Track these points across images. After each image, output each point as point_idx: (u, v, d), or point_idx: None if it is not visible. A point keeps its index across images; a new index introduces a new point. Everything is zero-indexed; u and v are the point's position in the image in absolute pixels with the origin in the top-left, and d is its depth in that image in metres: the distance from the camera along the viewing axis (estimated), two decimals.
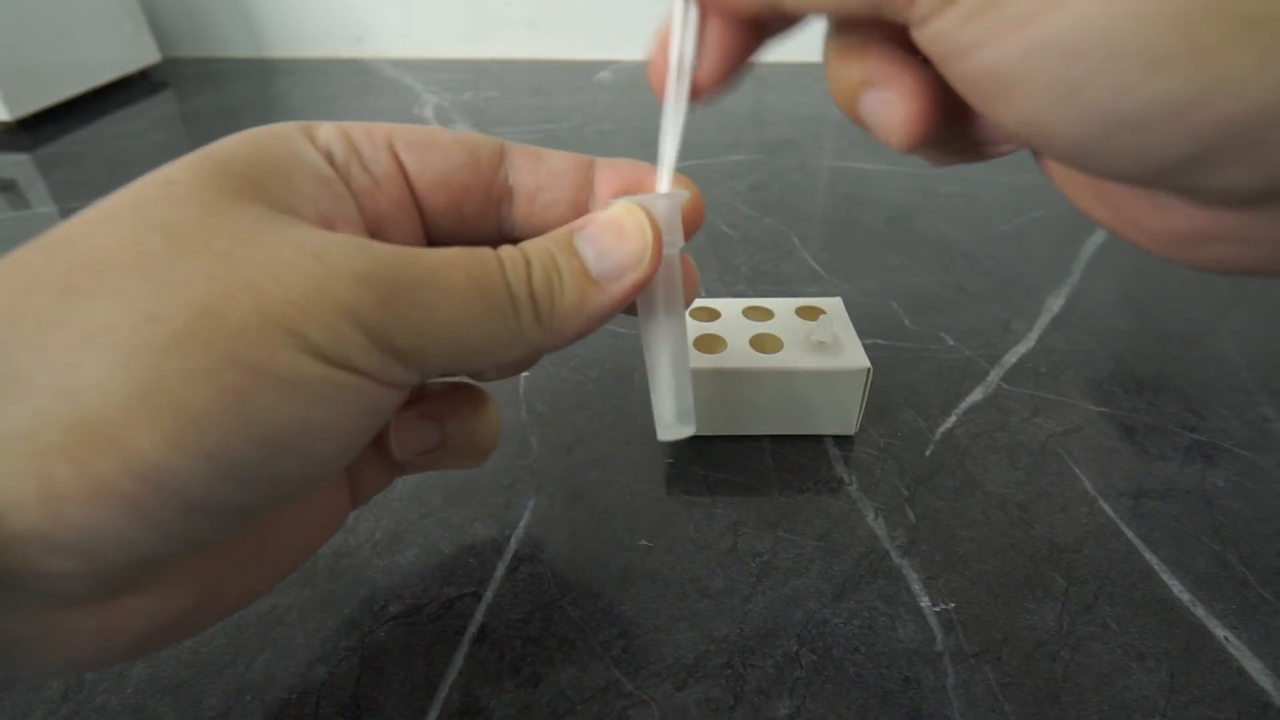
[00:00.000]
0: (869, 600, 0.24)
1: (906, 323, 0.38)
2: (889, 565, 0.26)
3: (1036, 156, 0.17)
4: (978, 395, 0.33)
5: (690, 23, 0.16)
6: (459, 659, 0.23)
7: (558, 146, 0.21)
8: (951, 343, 0.36)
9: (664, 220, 0.18)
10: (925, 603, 0.24)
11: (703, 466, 0.30)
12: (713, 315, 0.32)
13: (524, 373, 0.34)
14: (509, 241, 0.18)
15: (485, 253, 0.16)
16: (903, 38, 0.15)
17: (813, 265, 0.43)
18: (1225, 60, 0.10)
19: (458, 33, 0.88)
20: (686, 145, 0.66)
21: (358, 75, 0.83)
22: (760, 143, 0.62)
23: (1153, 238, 0.15)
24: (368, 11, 0.88)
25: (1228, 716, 0.21)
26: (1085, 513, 0.27)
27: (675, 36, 0.16)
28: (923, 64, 0.15)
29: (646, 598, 0.25)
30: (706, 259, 0.44)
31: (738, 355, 0.29)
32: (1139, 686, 0.22)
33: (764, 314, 0.32)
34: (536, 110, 0.70)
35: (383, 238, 0.19)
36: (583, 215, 0.20)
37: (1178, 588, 0.25)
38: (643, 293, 0.18)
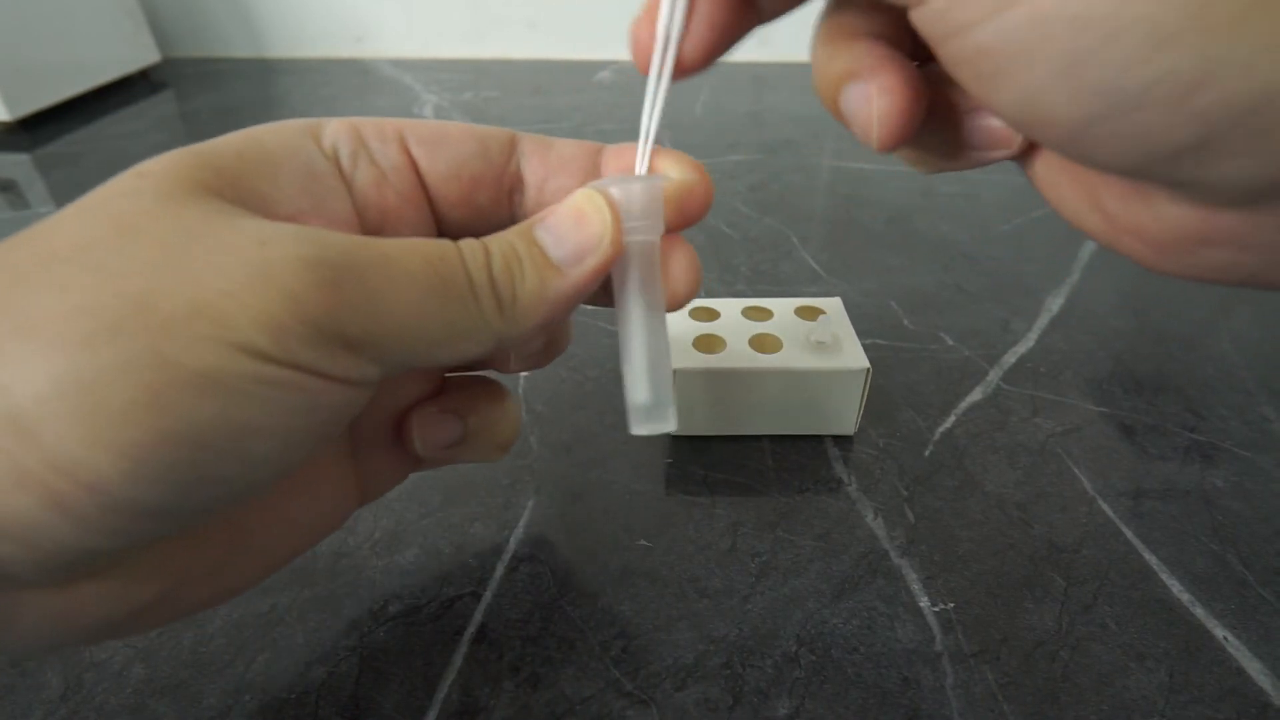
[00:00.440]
0: (868, 600, 0.24)
1: (906, 323, 0.38)
2: (888, 565, 0.26)
3: (1023, 162, 0.16)
4: (977, 395, 0.33)
5: None
6: (458, 659, 0.23)
7: None
8: (951, 343, 0.36)
9: (638, 203, 0.17)
10: (924, 603, 0.24)
11: (702, 466, 0.30)
12: (712, 315, 0.32)
13: (523, 373, 0.34)
14: None
15: (443, 242, 0.16)
16: (895, 34, 0.15)
17: (812, 265, 0.43)
18: (1234, 36, 0.10)
19: (458, 33, 0.88)
20: (687, 145, 0.65)
21: (358, 75, 0.83)
22: (760, 143, 0.62)
23: (1145, 243, 0.14)
24: (368, 11, 0.88)
25: (1227, 716, 0.21)
26: (1084, 513, 0.27)
27: (664, 9, 0.15)
28: (908, 62, 0.15)
29: (646, 598, 0.25)
30: (706, 259, 0.44)
31: (737, 355, 0.29)
32: (1138, 686, 0.22)
33: (763, 314, 0.32)
34: (536, 110, 0.70)
35: (389, 232, 0.19)
36: None
37: (1177, 588, 0.25)
38: (617, 280, 0.18)
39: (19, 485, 0.12)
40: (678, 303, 0.19)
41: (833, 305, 0.32)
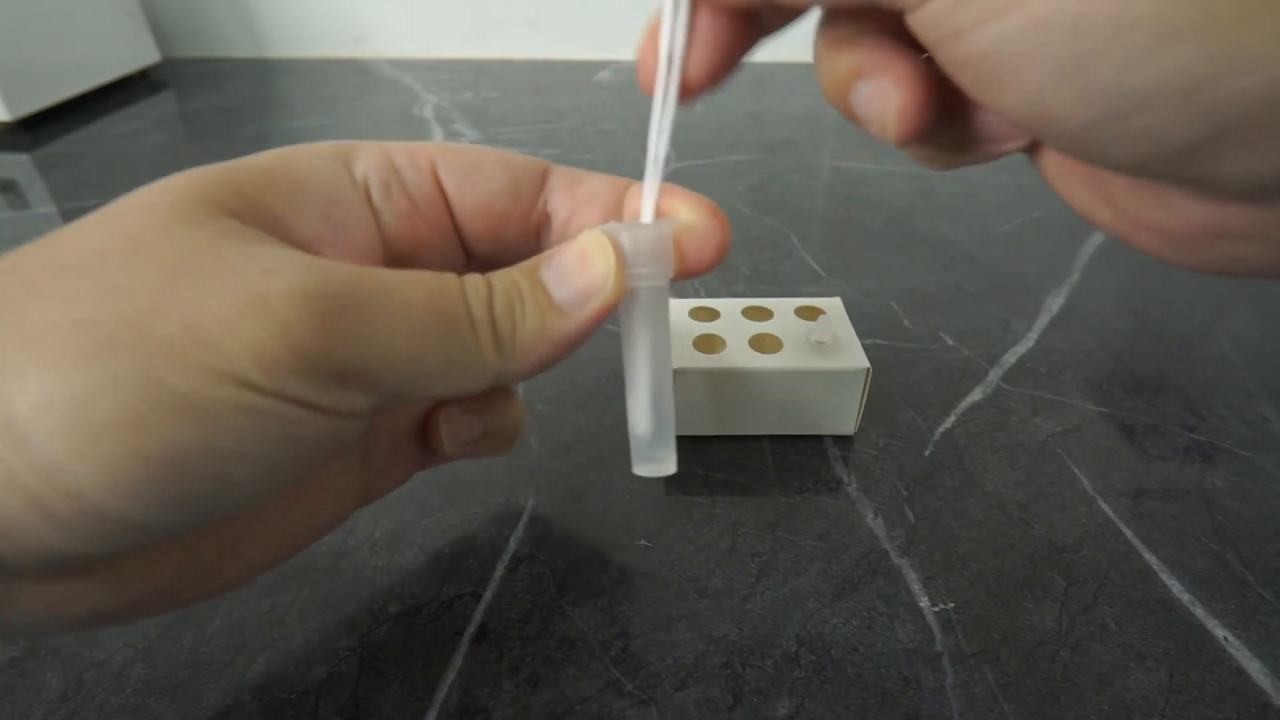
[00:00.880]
0: (868, 600, 0.24)
1: (906, 323, 0.38)
2: (888, 565, 0.26)
3: (1033, 156, 0.16)
4: (977, 395, 0.33)
5: (681, 16, 0.15)
6: (458, 659, 0.23)
7: (557, 146, 0.21)
8: (951, 343, 0.36)
9: (646, 248, 0.17)
10: (924, 603, 0.24)
11: (702, 466, 0.30)
12: (712, 315, 0.32)
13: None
14: None
15: (447, 275, 0.16)
16: (895, 30, 0.15)
17: (812, 265, 0.43)
18: (1243, 31, 0.10)
19: (458, 33, 0.88)
20: (686, 145, 0.65)
21: (358, 75, 0.83)
22: (760, 143, 0.62)
23: (1157, 237, 0.14)
24: (368, 11, 0.88)
25: (1227, 716, 0.21)
26: (1084, 513, 0.27)
27: (665, 30, 0.15)
28: (916, 53, 0.14)
29: (646, 598, 0.25)
30: None
31: (737, 355, 0.29)
32: (1138, 686, 0.22)
33: (763, 314, 0.32)
34: (536, 110, 0.70)
35: (419, 263, 0.19)
36: None
37: (1177, 588, 0.25)
38: (624, 323, 0.18)
39: (7, 487, 0.12)
40: (689, 272, 0.19)
41: (833, 305, 0.32)
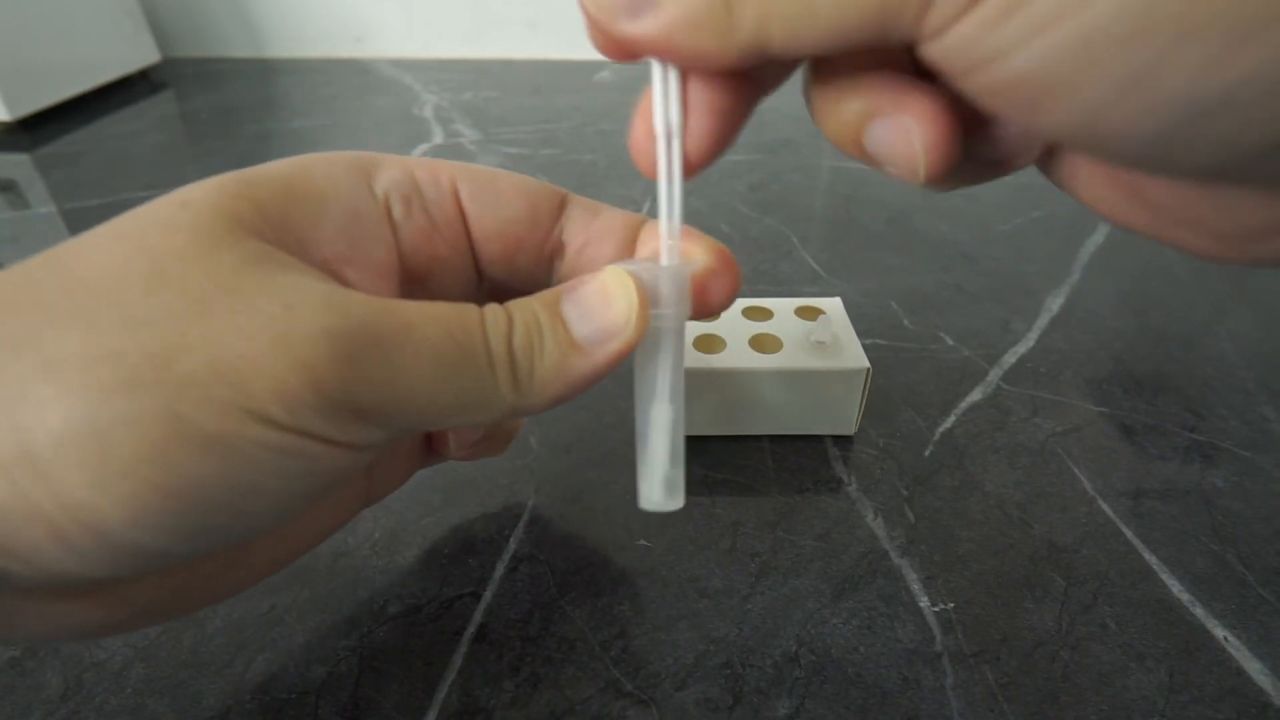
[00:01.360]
0: (868, 600, 0.24)
1: (906, 323, 0.38)
2: (888, 565, 0.26)
3: (1044, 164, 0.15)
4: (977, 395, 0.33)
5: (672, 87, 0.14)
6: (458, 659, 0.23)
7: (557, 146, 0.21)
8: (951, 343, 0.36)
9: (666, 289, 0.17)
10: (924, 603, 0.24)
11: (702, 466, 0.30)
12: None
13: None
14: None
15: (468, 308, 0.15)
16: (896, 62, 0.14)
17: (812, 265, 0.43)
18: None
19: (458, 33, 0.88)
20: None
21: (358, 75, 0.83)
22: (760, 143, 0.62)
23: (1203, 236, 0.13)
24: (368, 11, 0.88)
25: (1227, 717, 0.21)
26: (1084, 513, 0.27)
27: (658, 105, 0.15)
28: (928, 82, 0.13)
29: (646, 598, 0.25)
30: None
31: (737, 355, 0.29)
32: (1138, 686, 0.22)
33: (763, 314, 0.32)
34: (536, 110, 0.70)
35: (434, 282, 0.19)
36: None
37: (1177, 588, 0.25)
38: (639, 361, 0.18)
39: (28, 518, 0.12)
40: (703, 314, 0.19)
41: (833, 305, 0.32)
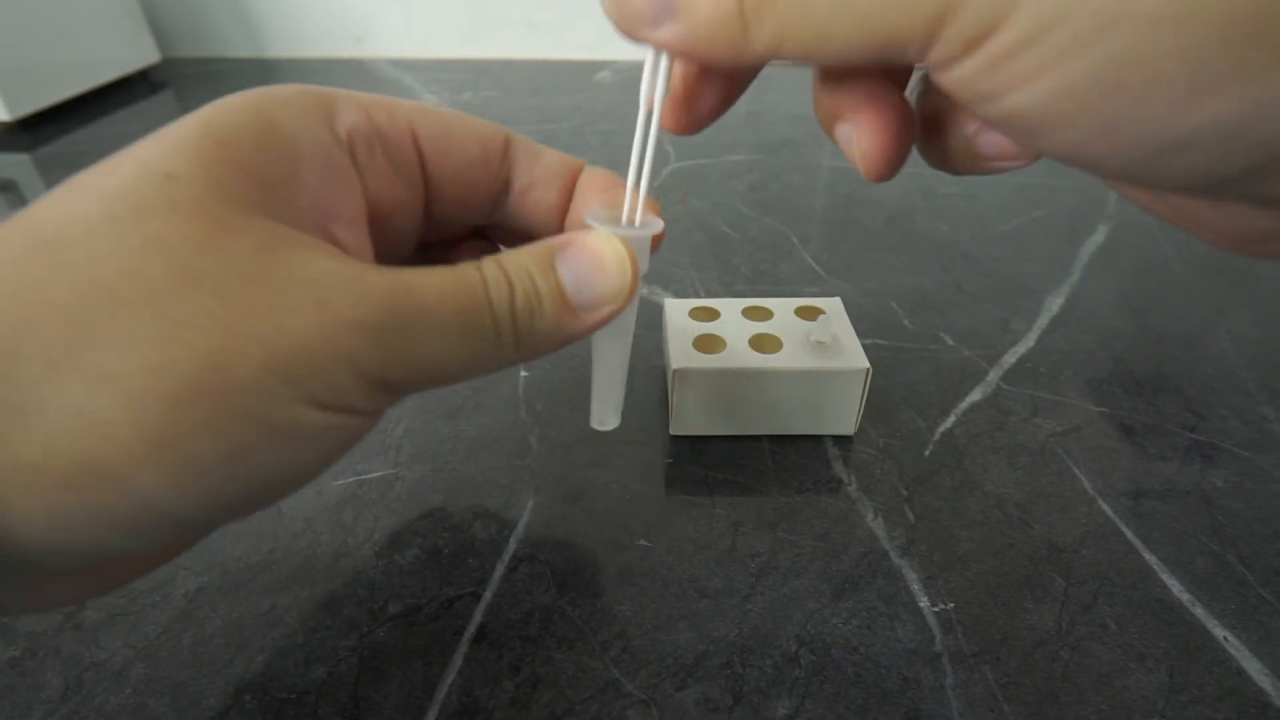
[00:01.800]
0: (868, 600, 0.24)
1: (906, 323, 0.38)
2: (888, 565, 0.26)
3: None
4: (977, 395, 0.33)
5: (661, 70, 0.16)
6: (458, 659, 0.23)
7: (557, 146, 0.21)
8: (951, 343, 0.36)
9: (638, 251, 0.19)
10: (924, 603, 0.24)
11: (702, 466, 0.30)
12: (712, 315, 0.32)
13: (523, 373, 0.34)
14: (492, 226, 0.19)
15: (471, 277, 0.16)
16: (888, 70, 0.15)
17: (812, 265, 0.43)
18: (1278, 78, 0.10)
19: (458, 33, 0.88)
20: (687, 145, 0.65)
21: (357, 75, 0.83)
22: (760, 143, 0.62)
23: (1214, 234, 0.14)
24: (368, 11, 0.88)
25: (1227, 716, 0.21)
26: (1084, 513, 0.27)
27: (645, 82, 0.17)
28: (895, 95, 0.15)
29: (645, 598, 0.25)
30: (706, 259, 0.44)
31: (737, 355, 0.29)
32: (1138, 686, 0.22)
33: (763, 314, 0.32)
34: (536, 110, 0.70)
35: (386, 225, 0.19)
36: (562, 215, 0.21)
37: (1177, 588, 0.25)
38: None
39: (94, 521, 0.13)
40: None
41: (833, 305, 0.32)
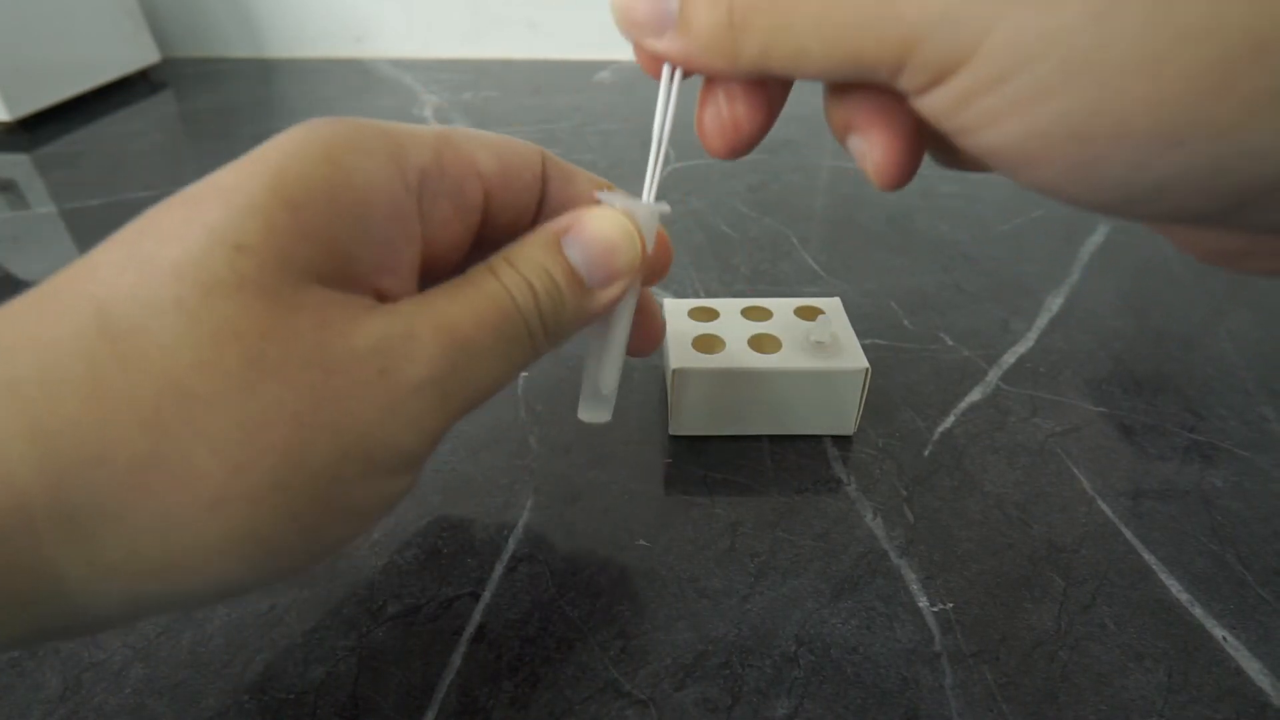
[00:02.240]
0: (867, 600, 0.24)
1: (905, 323, 0.38)
2: (887, 565, 0.26)
3: None
4: (976, 395, 0.33)
5: (674, 86, 0.17)
6: (457, 659, 0.23)
7: (557, 146, 0.21)
8: (950, 343, 0.36)
9: (643, 224, 0.19)
10: (923, 603, 0.24)
11: (701, 466, 0.30)
12: (711, 315, 0.32)
13: (523, 372, 0.34)
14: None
15: (497, 292, 0.17)
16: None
17: (812, 265, 0.43)
18: (1247, 133, 0.10)
19: (458, 33, 0.88)
20: (686, 145, 0.65)
21: (357, 75, 0.83)
22: (760, 143, 0.61)
23: (1194, 249, 0.15)
24: (367, 11, 0.88)
25: (1226, 716, 0.21)
26: (1084, 513, 0.27)
27: (661, 98, 0.17)
28: (903, 109, 0.15)
29: (645, 598, 0.25)
30: (706, 259, 0.44)
31: (736, 355, 0.29)
32: (1137, 686, 0.22)
33: (763, 314, 0.32)
34: (536, 110, 0.70)
35: (436, 265, 0.18)
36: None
37: (1176, 588, 0.25)
38: None
39: (180, 599, 0.14)
40: (642, 354, 0.23)
41: (832, 305, 0.32)
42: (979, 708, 0.21)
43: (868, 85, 0.15)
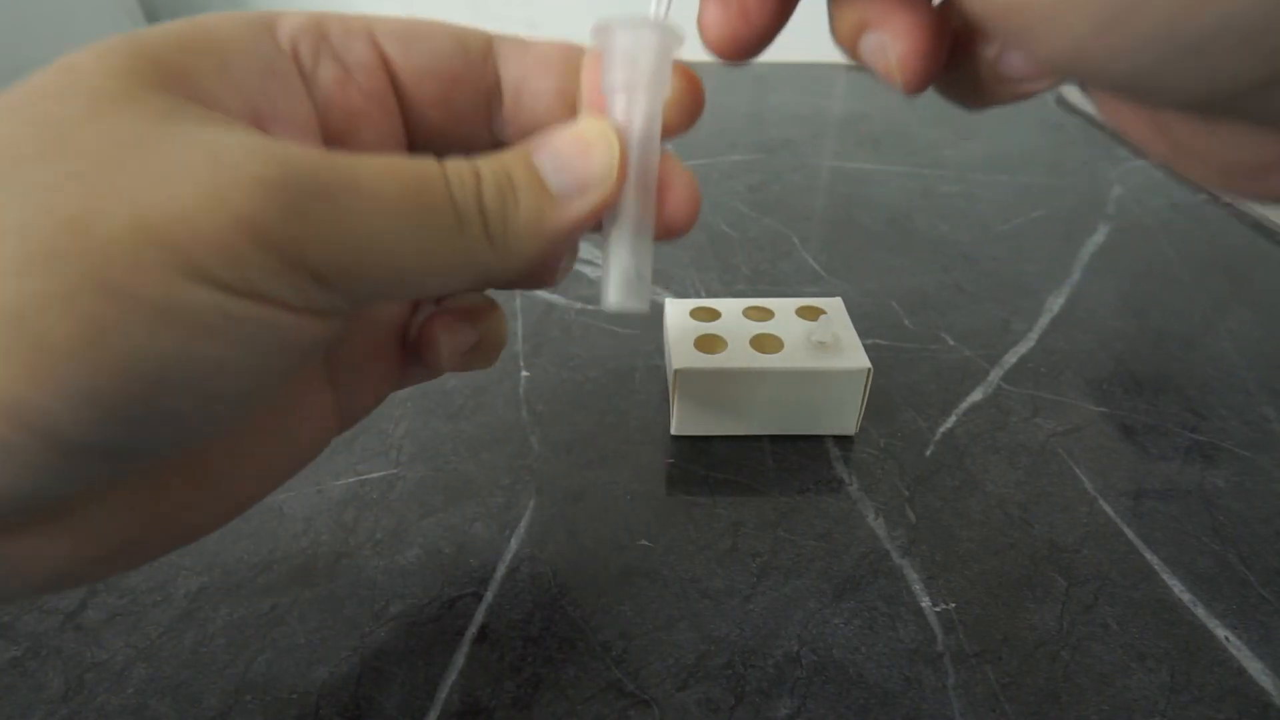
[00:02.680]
0: (869, 600, 0.24)
1: (906, 323, 0.38)
2: (889, 565, 0.26)
3: (1081, 86, 0.15)
4: (978, 395, 0.33)
5: None
6: (459, 659, 0.23)
7: None
8: (951, 343, 0.36)
9: (649, 53, 0.16)
10: (926, 603, 0.24)
11: (703, 466, 0.30)
12: (713, 315, 0.32)
13: (524, 373, 0.34)
14: (500, 146, 0.16)
15: (425, 161, 0.14)
16: None
17: (812, 265, 0.43)
18: None
19: None
20: (686, 145, 0.65)
21: None
22: (760, 143, 0.62)
23: (1213, 169, 0.13)
24: (368, 12, 0.88)
25: (1228, 716, 0.21)
26: (1085, 513, 0.27)
27: None
28: (923, 1, 0.14)
29: (646, 598, 0.25)
30: (706, 259, 0.44)
31: (738, 355, 0.29)
32: (1139, 686, 0.22)
33: (764, 314, 0.32)
34: None
35: (353, 137, 0.17)
36: (570, 108, 0.18)
37: (1178, 588, 0.25)
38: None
39: None
40: (675, 230, 0.17)
41: (833, 305, 0.32)
42: (981, 708, 0.21)
43: None
